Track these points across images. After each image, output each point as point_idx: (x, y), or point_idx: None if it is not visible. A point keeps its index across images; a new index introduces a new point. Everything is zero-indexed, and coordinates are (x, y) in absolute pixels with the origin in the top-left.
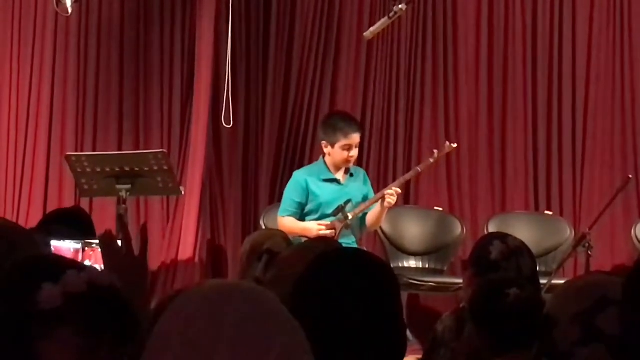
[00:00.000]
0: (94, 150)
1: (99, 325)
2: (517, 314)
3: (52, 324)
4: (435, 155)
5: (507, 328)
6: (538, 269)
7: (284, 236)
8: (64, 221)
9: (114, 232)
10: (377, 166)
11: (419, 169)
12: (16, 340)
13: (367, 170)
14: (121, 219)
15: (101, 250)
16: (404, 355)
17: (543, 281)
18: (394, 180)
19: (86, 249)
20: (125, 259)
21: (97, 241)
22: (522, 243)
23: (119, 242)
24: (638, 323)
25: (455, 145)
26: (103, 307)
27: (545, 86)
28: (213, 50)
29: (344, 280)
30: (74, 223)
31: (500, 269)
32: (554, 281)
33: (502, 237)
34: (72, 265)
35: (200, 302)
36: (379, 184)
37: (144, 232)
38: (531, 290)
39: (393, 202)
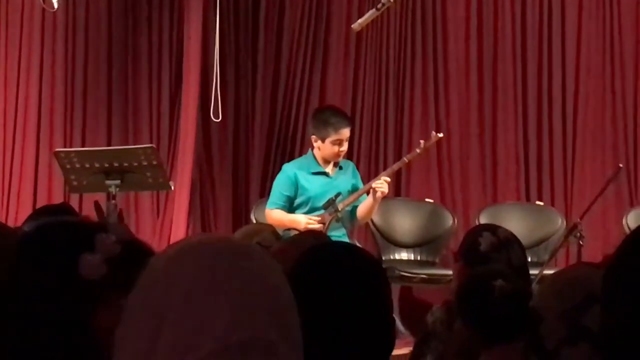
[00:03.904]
0: (83, 146)
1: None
2: (504, 306)
3: (102, 291)
4: (422, 145)
5: (493, 320)
6: (530, 259)
7: (272, 230)
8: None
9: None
10: (367, 159)
11: (405, 159)
12: (72, 310)
13: (357, 163)
14: (98, 207)
15: None
16: (392, 349)
17: (535, 272)
18: None
19: None
20: None
21: None
22: (512, 234)
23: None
24: (617, 319)
25: (441, 135)
26: (137, 262)
27: (535, 77)
28: (201, 44)
29: (332, 275)
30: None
31: (489, 260)
32: (546, 271)
33: (491, 228)
34: (93, 226)
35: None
36: (369, 177)
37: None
38: (518, 282)
39: (385, 191)
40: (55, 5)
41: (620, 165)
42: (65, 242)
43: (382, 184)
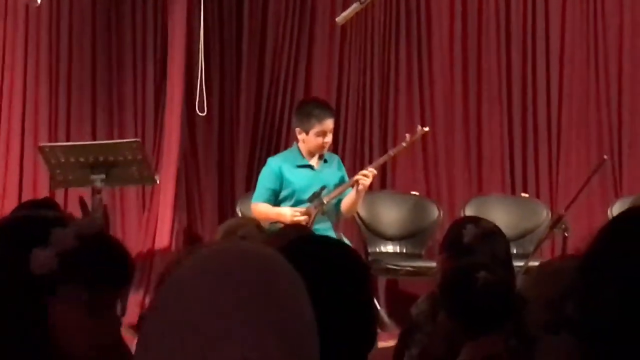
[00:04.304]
0: (67, 140)
1: (97, 274)
2: (487, 298)
3: (53, 285)
4: (408, 139)
5: (477, 312)
6: (515, 251)
7: (257, 224)
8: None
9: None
10: (352, 151)
11: (391, 153)
12: (24, 305)
13: (342, 156)
14: (83, 204)
15: None
16: (374, 343)
17: (520, 264)
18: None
19: None
20: None
21: None
22: (495, 226)
23: None
24: (594, 309)
25: (427, 129)
26: (97, 256)
27: (519, 68)
28: (186, 38)
29: (313, 268)
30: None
31: (473, 252)
32: (531, 263)
33: (475, 220)
34: (51, 221)
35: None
36: (355, 169)
37: (83, 204)
38: (501, 274)
39: (367, 184)
40: (39, 1)
41: (605, 157)
42: (18, 237)
43: (366, 175)
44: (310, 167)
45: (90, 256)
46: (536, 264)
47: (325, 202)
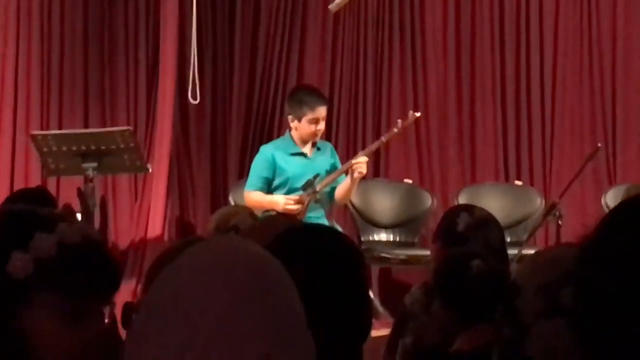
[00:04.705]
0: (59, 128)
1: (76, 284)
2: (481, 286)
3: (28, 291)
4: (399, 124)
5: (471, 300)
6: (509, 239)
7: (250, 212)
8: (27, 202)
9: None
10: (345, 138)
11: (383, 139)
12: None
13: (336, 143)
14: (81, 194)
15: None
16: (368, 334)
17: (514, 251)
18: None
19: None
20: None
21: None
22: (489, 214)
23: (79, 216)
24: (590, 300)
25: (418, 114)
26: (78, 265)
27: (513, 56)
28: (178, 26)
29: (307, 258)
30: (38, 203)
31: (467, 240)
32: (525, 251)
33: (469, 209)
34: (43, 223)
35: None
36: (348, 156)
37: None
38: (495, 262)
39: (363, 172)
40: None
41: (599, 144)
42: (1, 236)
43: (360, 164)
44: (304, 155)
45: (69, 265)
46: (530, 251)
47: (318, 189)
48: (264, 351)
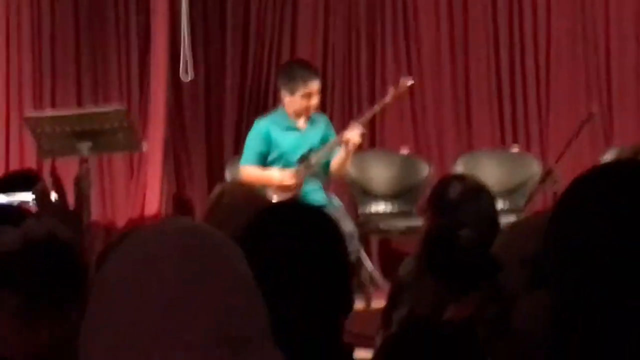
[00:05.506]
0: (53, 107)
1: (37, 282)
2: (469, 256)
3: None
4: (392, 92)
5: (460, 270)
6: (507, 206)
7: (248, 188)
8: (12, 185)
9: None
10: (340, 110)
11: (377, 107)
12: None
13: (331, 114)
14: (55, 176)
15: (36, 204)
16: (350, 310)
17: (512, 218)
18: None
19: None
20: (58, 213)
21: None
22: (482, 183)
23: (53, 197)
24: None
25: (411, 82)
26: (40, 263)
27: (506, 20)
28: (169, 3)
29: (285, 234)
30: (23, 185)
31: (459, 209)
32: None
33: (460, 178)
34: (11, 218)
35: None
36: (344, 127)
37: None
38: (486, 231)
39: (356, 142)
40: None
41: (593, 110)
42: None
43: (352, 134)
44: (297, 129)
45: (30, 262)
46: None
47: (313, 162)
48: (212, 324)
